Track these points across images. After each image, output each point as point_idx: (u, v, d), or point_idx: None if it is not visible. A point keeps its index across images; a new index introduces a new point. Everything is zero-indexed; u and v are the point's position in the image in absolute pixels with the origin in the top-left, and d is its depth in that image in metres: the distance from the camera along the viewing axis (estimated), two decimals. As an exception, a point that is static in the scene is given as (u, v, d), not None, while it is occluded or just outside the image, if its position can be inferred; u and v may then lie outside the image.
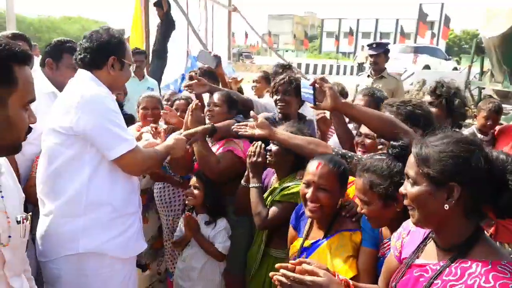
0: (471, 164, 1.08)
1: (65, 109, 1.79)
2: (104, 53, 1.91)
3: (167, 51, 5.95)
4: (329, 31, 56.04)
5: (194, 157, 2.58)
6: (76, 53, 1.95)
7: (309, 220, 1.89)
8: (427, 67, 18.53)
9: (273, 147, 2.22)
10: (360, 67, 23.75)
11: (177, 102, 3.24)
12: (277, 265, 1.32)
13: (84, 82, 1.89)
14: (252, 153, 2.21)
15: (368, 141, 2.08)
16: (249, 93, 4.19)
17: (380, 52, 4.79)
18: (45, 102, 2.22)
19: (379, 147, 1.96)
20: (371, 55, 4.85)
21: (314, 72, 25.41)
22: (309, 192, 1.73)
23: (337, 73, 25.52)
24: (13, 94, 1.08)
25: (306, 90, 1.91)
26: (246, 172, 2.28)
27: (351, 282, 1.38)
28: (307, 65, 26.57)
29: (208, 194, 2.49)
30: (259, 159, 2.19)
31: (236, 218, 2.54)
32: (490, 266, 1.05)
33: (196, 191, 2.49)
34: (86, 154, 1.80)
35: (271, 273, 1.31)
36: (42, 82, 2.50)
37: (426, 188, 1.13)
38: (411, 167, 1.18)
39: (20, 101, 1.11)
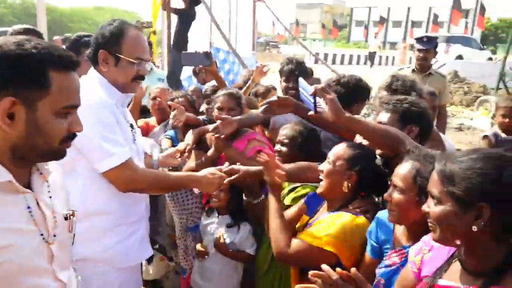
0: (501, 182, 0.99)
1: None
2: (96, 47, 1.79)
3: (187, 41, 5.90)
4: (358, 20, 54.79)
5: None
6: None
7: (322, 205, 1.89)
8: (459, 57, 17.91)
9: (281, 148, 2.18)
10: (372, 57, 23.09)
11: (175, 100, 3.09)
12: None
13: (88, 84, 1.77)
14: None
15: None
16: (275, 83, 4.04)
17: (431, 47, 4.35)
18: None
19: None
20: (419, 50, 4.37)
21: (342, 62, 24.93)
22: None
23: (365, 63, 24.90)
24: (44, 98, 1.06)
25: (306, 94, 1.81)
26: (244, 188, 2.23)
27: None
28: (334, 55, 26.09)
29: (233, 197, 2.43)
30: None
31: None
32: None
33: (221, 194, 2.41)
34: (80, 162, 1.72)
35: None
36: None
37: (451, 208, 1.05)
38: (434, 185, 1.10)
39: (52, 106, 1.08)
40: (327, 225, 1.68)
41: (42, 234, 1.15)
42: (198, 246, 2.55)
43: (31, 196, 1.14)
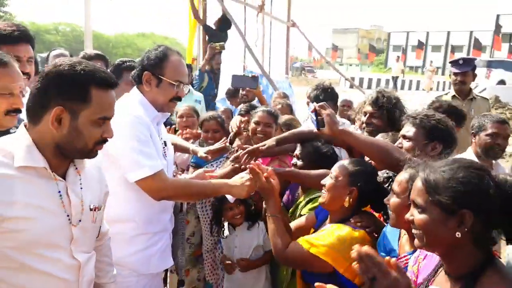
0: (482, 190, 1.04)
1: None
2: (141, 68, 1.97)
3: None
4: (396, 44, 54.31)
5: None
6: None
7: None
8: (501, 82, 17.29)
9: (298, 162, 2.27)
10: (395, 81, 22.34)
11: (205, 123, 3.27)
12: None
13: (128, 101, 1.97)
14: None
15: (406, 144, 1.98)
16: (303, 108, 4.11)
17: (468, 70, 4.09)
18: None
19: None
20: (455, 73, 4.14)
21: (377, 87, 24.69)
22: None
23: (402, 87, 24.53)
24: (85, 110, 1.32)
25: (312, 115, 1.95)
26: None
27: None
28: (370, 80, 25.91)
29: (248, 209, 2.56)
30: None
31: None
32: None
33: (241, 207, 2.55)
34: (112, 171, 1.84)
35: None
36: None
37: (436, 216, 1.10)
38: (419, 194, 1.14)
39: (91, 117, 1.34)
40: (326, 235, 1.74)
41: (68, 216, 1.38)
42: (225, 260, 2.64)
43: (63, 185, 1.38)
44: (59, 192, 1.35)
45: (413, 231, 1.18)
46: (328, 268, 1.67)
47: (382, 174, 1.85)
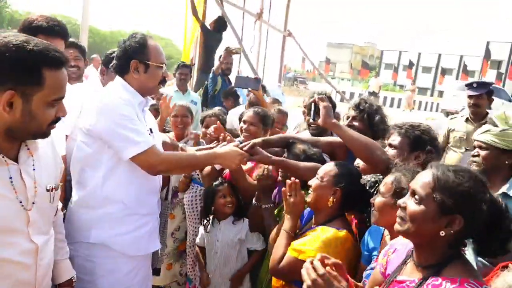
0: (479, 202, 1.14)
1: (89, 112, 1.97)
2: (126, 58, 2.00)
3: (212, 65, 6.12)
4: (388, 62, 55.12)
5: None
6: (113, 62, 2.11)
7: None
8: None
9: None
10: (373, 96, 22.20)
11: (207, 119, 3.39)
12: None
13: (113, 88, 2.04)
14: (263, 177, 2.32)
15: (392, 151, 2.08)
16: (299, 117, 4.23)
17: (482, 93, 4.05)
18: None
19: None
20: (470, 96, 4.10)
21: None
22: None
23: (391, 105, 24.91)
24: (38, 93, 1.26)
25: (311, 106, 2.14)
26: (257, 192, 2.40)
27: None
28: (360, 95, 26.12)
29: (238, 199, 2.65)
30: (269, 182, 2.32)
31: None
32: (458, 284, 1.09)
33: (233, 198, 2.64)
34: (103, 154, 1.94)
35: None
36: (97, 86, 2.85)
37: (430, 211, 1.18)
38: (423, 187, 1.21)
39: (45, 99, 1.28)
40: (312, 239, 1.81)
41: (21, 202, 1.34)
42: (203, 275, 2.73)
43: (16, 168, 1.33)
44: (10, 178, 1.31)
45: (398, 215, 1.26)
46: None
47: (370, 177, 1.93)
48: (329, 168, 1.96)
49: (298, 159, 2.30)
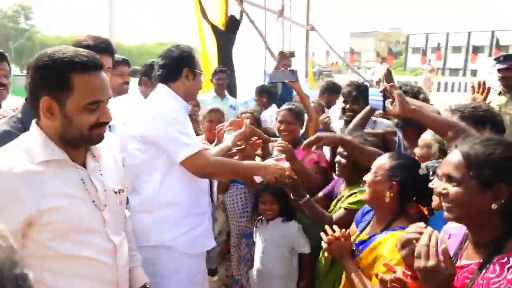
0: None
1: (142, 120, 2.08)
2: (178, 66, 2.14)
3: (230, 67, 6.04)
4: (415, 46, 53.67)
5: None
6: (154, 71, 2.22)
7: (371, 218, 1.93)
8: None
9: (341, 160, 2.32)
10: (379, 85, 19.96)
11: (243, 116, 3.38)
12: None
13: (160, 96, 2.15)
14: (279, 178, 2.24)
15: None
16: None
17: (509, 65, 3.97)
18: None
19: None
20: (499, 70, 4.11)
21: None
22: None
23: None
24: (70, 97, 1.31)
25: (375, 97, 1.96)
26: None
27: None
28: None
29: (283, 205, 2.61)
30: (286, 181, 2.24)
31: (308, 221, 2.59)
32: None
33: (274, 206, 2.62)
34: (158, 159, 2.05)
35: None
36: (137, 98, 2.91)
37: (472, 189, 1.14)
38: (456, 168, 1.18)
39: (78, 103, 1.32)
40: (391, 255, 1.63)
41: (94, 201, 1.41)
42: None
43: (85, 173, 1.42)
44: (82, 179, 1.39)
45: (444, 204, 1.21)
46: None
47: (432, 163, 1.80)
48: (383, 161, 1.84)
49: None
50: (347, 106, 3.16)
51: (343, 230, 1.84)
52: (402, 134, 2.71)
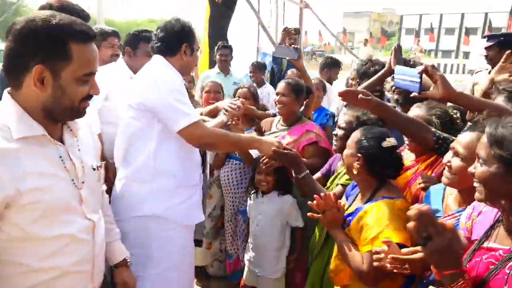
0: None
1: (140, 88, 2.05)
2: (178, 41, 2.11)
3: (225, 39, 5.93)
4: (408, 27, 53.36)
5: None
6: (152, 42, 2.17)
7: (358, 192, 1.95)
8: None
9: (339, 132, 2.28)
10: None
11: (239, 90, 3.36)
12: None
13: (158, 66, 2.11)
14: (272, 157, 2.24)
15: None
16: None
17: (492, 44, 3.95)
18: (125, 85, 2.50)
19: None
20: (485, 48, 4.07)
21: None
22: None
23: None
24: (66, 67, 1.25)
25: (406, 78, 1.89)
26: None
27: None
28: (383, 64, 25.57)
29: (279, 178, 2.61)
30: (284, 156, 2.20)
31: (302, 199, 2.57)
32: None
33: (269, 178, 2.62)
34: (153, 128, 2.02)
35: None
36: (122, 69, 2.83)
37: (498, 170, 1.10)
38: (482, 148, 1.15)
39: (74, 74, 1.27)
40: (376, 224, 1.68)
41: (73, 181, 1.37)
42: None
43: (63, 149, 1.36)
44: (60, 157, 1.33)
45: (475, 184, 1.18)
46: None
47: (440, 133, 1.83)
48: (354, 134, 1.91)
49: (351, 125, 2.21)
50: (361, 83, 3.08)
51: (339, 201, 1.87)
52: (401, 111, 2.64)
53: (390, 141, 1.82)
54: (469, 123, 1.93)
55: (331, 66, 5.21)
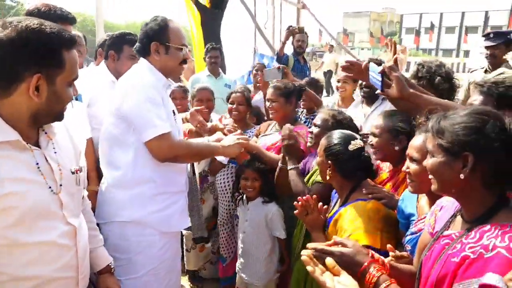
0: (484, 134, 1.09)
1: (117, 94, 2.01)
2: (147, 40, 2.04)
3: (219, 42, 5.89)
4: (408, 27, 53.33)
5: None
6: (136, 44, 2.12)
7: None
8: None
9: (314, 129, 2.30)
10: (328, 78, 14.94)
11: (233, 95, 3.34)
12: (308, 245, 1.36)
13: (139, 70, 2.07)
14: (285, 136, 2.28)
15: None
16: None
17: (500, 43, 3.96)
18: (106, 90, 2.46)
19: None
20: (486, 47, 4.11)
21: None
22: None
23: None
24: (60, 74, 1.29)
25: (375, 75, 1.96)
26: (282, 154, 2.36)
27: (384, 258, 1.37)
28: (382, 62, 25.54)
29: (265, 183, 2.58)
30: (291, 141, 2.27)
31: (289, 207, 2.56)
32: (508, 228, 1.04)
33: (256, 183, 2.59)
34: (131, 135, 1.98)
35: (302, 251, 1.34)
36: (104, 73, 2.78)
37: (442, 159, 1.16)
38: (429, 140, 1.22)
39: (66, 79, 1.31)
40: (349, 226, 1.72)
41: (50, 187, 1.36)
42: None
43: (39, 153, 1.35)
44: (37, 163, 1.33)
45: (429, 176, 1.23)
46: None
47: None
48: (322, 141, 1.93)
49: (327, 123, 2.25)
50: (364, 82, 3.11)
51: (320, 204, 1.86)
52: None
53: (356, 144, 1.84)
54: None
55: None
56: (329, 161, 1.84)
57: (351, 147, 1.82)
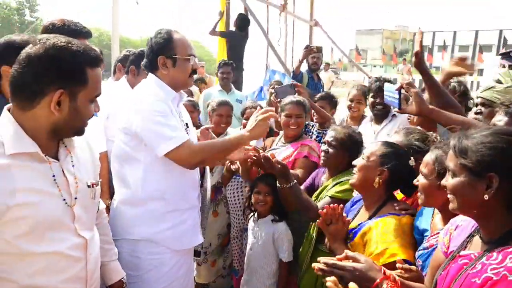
0: (510, 155, 1.08)
1: (126, 111, 2.00)
2: (153, 55, 2.01)
3: (241, 63, 6.03)
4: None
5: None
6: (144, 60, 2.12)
7: (360, 207, 1.94)
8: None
9: (329, 149, 2.31)
10: None
11: (248, 111, 3.35)
12: (319, 259, 1.36)
13: (146, 85, 2.05)
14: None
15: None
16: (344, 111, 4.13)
17: None
18: (126, 104, 2.51)
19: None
20: (510, 66, 4.17)
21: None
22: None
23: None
24: (83, 91, 1.34)
25: (391, 94, 1.96)
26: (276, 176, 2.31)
27: (395, 275, 1.32)
28: (395, 80, 25.49)
29: (277, 199, 2.54)
30: (279, 166, 2.18)
31: (299, 226, 2.54)
32: None
33: (268, 198, 2.56)
34: (141, 152, 1.96)
35: (313, 264, 1.35)
36: (124, 87, 2.86)
37: (465, 179, 1.15)
38: (450, 159, 1.20)
39: (88, 96, 1.36)
40: (381, 239, 1.66)
41: (64, 199, 1.38)
42: None
43: (57, 165, 1.39)
44: (53, 175, 1.35)
45: (448, 195, 1.22)
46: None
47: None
48: (375, 147, 1.86)
49: (343, 142, 2.28)
50: (377, 100, 3.19)
51: (344, 215, 1.83)
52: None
53: (413, 161, 1.82)
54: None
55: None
56: (385, 169, 1.78)
57: (411, 163, 1.80)
